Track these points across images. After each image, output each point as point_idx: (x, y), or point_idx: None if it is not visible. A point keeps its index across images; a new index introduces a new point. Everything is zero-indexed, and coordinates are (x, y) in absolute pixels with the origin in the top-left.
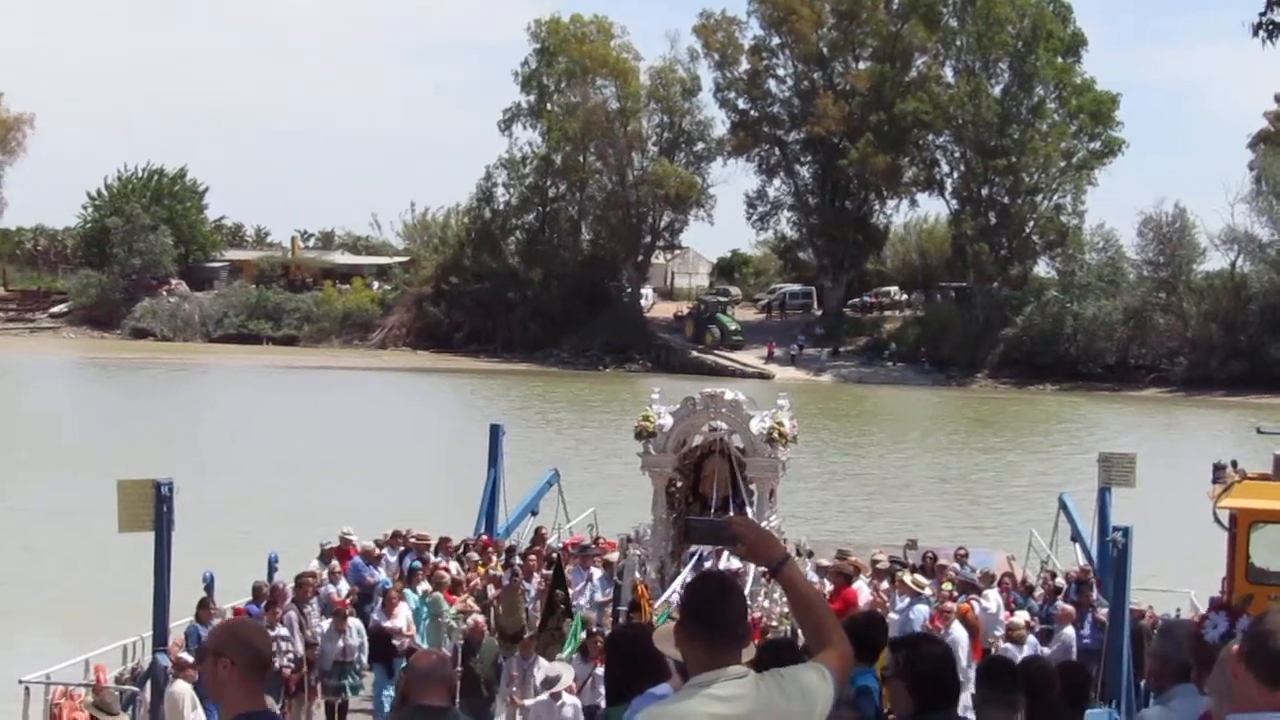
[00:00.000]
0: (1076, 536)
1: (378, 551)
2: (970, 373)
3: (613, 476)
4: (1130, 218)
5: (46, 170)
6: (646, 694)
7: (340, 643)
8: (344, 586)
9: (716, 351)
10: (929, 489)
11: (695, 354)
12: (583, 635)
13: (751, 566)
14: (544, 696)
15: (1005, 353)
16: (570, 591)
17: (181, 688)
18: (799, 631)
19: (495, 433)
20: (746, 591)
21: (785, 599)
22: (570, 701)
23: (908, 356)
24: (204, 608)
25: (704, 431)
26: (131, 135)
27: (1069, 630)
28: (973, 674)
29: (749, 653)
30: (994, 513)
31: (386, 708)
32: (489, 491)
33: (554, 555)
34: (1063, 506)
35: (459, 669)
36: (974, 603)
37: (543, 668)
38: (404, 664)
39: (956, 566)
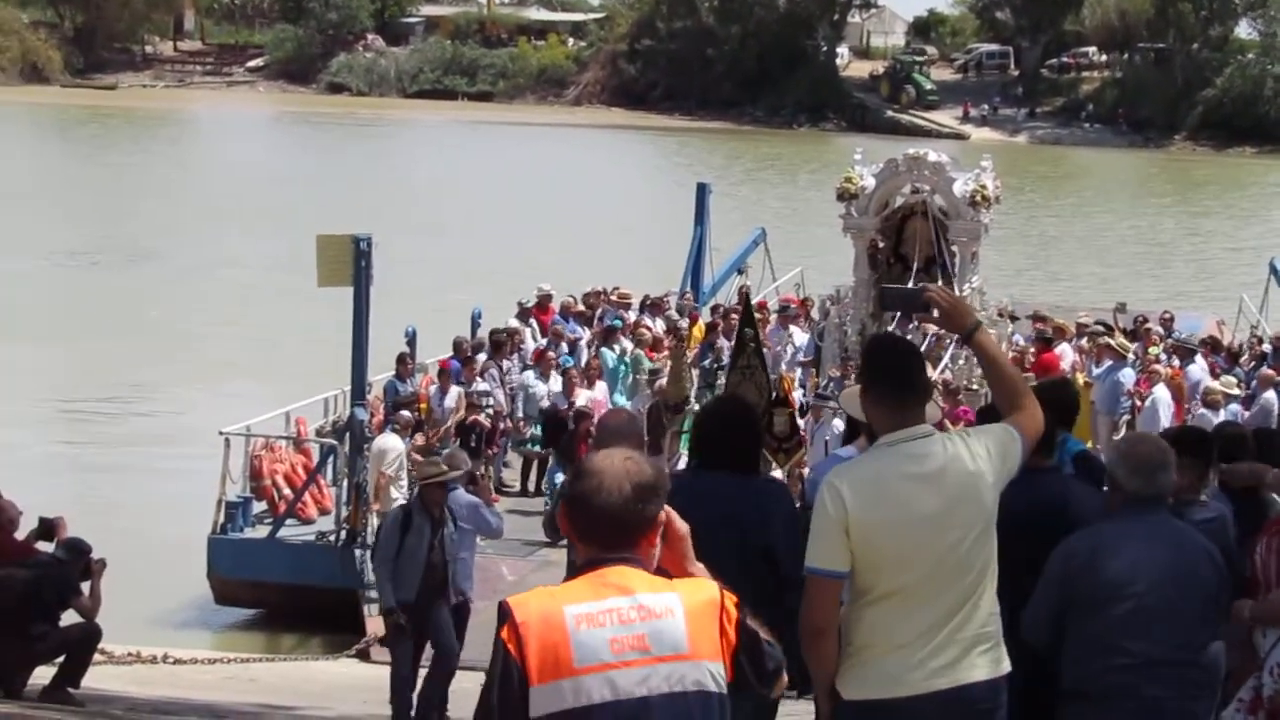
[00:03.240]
0: None
1: (577, 306)
2: (1168, 135)
3: (819, 237)
4: None
5: None
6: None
7: (544, 387)
8: (544, 343)
9: (911, 111)
10: (1135, 252)
11: (890, 114)
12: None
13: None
14: None
15: (1204, 115)
16: (764, 340)
17: (393, 441)
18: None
19: (702, 191)
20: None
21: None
22: None
23: (1104, 118)
24: (402, 363)
25: (906, 193)
26: None
27: (1270, 395)
28: None
29: (933, 413)
30: (1203, 277)
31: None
32: (695, 250)
33: (743, 290)
34: (1273, 271)
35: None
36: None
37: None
38: None
39: (1161, 331)
